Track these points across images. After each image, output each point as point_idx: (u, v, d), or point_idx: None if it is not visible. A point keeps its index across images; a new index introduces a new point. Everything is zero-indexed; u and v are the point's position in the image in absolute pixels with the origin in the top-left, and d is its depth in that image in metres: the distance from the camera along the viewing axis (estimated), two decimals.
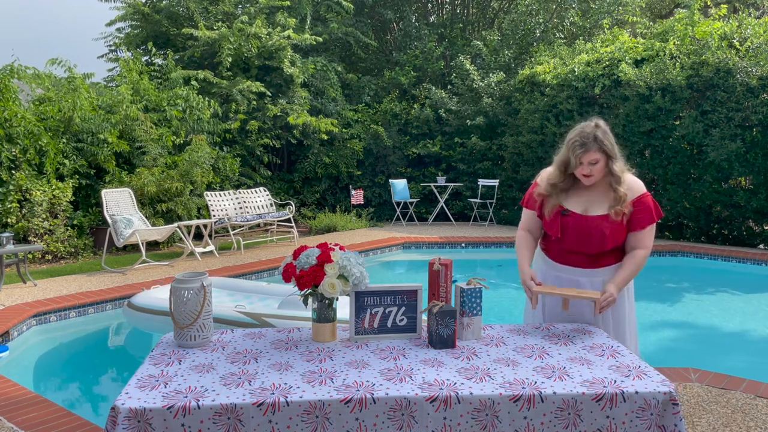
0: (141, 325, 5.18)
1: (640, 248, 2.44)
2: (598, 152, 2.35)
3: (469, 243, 9.42)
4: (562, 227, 2.46)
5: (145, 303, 5.07)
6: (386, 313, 2.22)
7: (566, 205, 2.48)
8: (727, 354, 4.75)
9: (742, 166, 8.56)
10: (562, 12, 13.67)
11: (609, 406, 1.75)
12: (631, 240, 2.46)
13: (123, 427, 1.61)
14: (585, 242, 2.44)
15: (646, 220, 2.43)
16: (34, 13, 70.86)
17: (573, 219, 2.45)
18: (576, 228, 2.44)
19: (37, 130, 7.95)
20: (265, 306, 5.24)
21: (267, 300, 5.45)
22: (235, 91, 10.93)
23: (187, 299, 2.10)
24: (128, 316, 5.16)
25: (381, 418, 1.70)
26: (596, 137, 2.36)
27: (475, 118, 11.68)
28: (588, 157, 2.35)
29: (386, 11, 14.80)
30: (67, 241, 8.06)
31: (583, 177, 2.42)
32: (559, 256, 2.54)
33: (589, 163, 2.37)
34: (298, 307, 4.60)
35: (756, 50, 8.48)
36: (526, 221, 2.63)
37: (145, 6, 12.32)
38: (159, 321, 4.93)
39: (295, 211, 11.55)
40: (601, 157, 2.36)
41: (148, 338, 5.23)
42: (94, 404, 3.81)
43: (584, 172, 2.39)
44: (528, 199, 2.62)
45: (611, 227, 2.40)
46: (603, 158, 2.37)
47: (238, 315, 4.58)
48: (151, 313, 4.97)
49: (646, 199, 2.43)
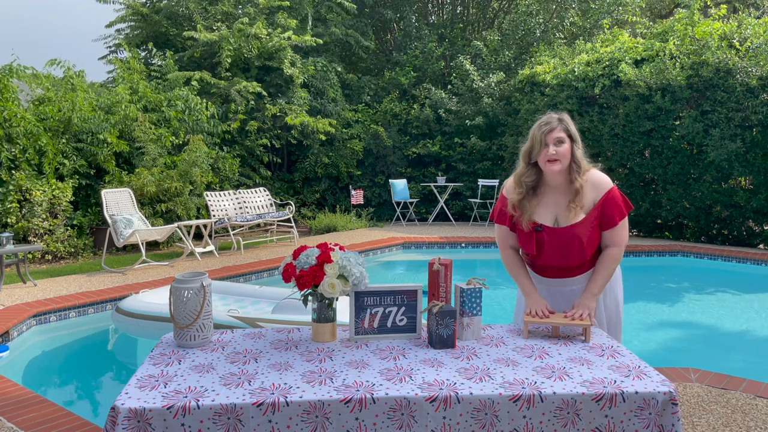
0: (130, 331, 5.08)
1: (614, 246, 2.39)
2: (562, 131, 2.34)
3: (469, 243, 9.42)
4: (538, 244, 2.40)
5: (133, 308, 4.97)
6: (386, 313, 2.23)
7: (536, 219, 2.40)
8: (727, 354, 4.75)
9: (742, 166, 8.56)
10: (562, 12, 13.67)
11: (608, 406, 1.75)
12: (606, 238, 2.40)
13: (123, 427, 1.61)
14: (565, 256, 2.39)
15: (617, 216, 2.37)
16: (34, 13, 70.84)
17: (547, 234, 2.38)
18: (552, 243, 2.38)
19: (37, 130, 7.95)
20: (257, 310, 5.19)
21: (259, 304, 5.41)
22: (233, 91, 10.93)
23: (187, 299, 2.10)
24: (116, 322, 5.08)
25: (381, 417, 1.70)
26: (561, 119, 2.37)
27: (474, 118, 11.69)
28: (552, 135, 2.32)
29: (386, 11, 14.80)
30: (67, 241, 8.06)
31: (548, 164, 2.33)
32: (543, 271, 2.51)
33: (554, 144, 2.31)
34: (292, 311, 4.55)
35: (756, 50, 8.48)
36: (504, 239, 2.54)
37: (145, 7, 12.33)
38: (147, 326, 4.85)
39: (295, 211, 11.55)
40: (566, 138, 2.33)
41: (147, 339, 5.22)
42: (94, 404, 3.81)
43: (550, 152, 2.31)
44: (498, 213, 2.53)
45: (587, 234, 2.35)
46: (568, 141, 2.34)
47: (230, 319, 4.53)
48: (140, 318, 4.88)
49: (613, 195, 2.37)
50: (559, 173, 2.35)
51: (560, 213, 2.39)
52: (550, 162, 2.33)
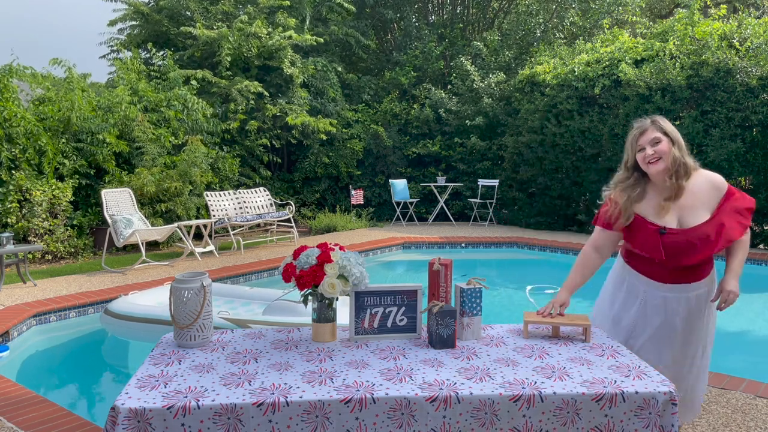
0: (119, 333, 5.04)
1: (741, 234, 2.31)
2: (657, 131, 2.29)
3: (469, 243, 9.42)
4: (665, 247, 2.29)
5: (122, 310, 4.93)
6: (386, 313, 2.23)
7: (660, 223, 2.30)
8: (727, 354, 4.75)
9: (742, 166, 8.56)
10: (562, 12, 13.67)
11: (608, 406, 1.76)
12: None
13: (123, 427, 1.61)
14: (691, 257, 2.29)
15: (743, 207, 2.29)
16: (34, 12, 70.83)
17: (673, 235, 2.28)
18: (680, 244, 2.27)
19: (37, 130, 7.95)
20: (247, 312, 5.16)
21: (250, 305, 5.38)
22: (233, 90, 10.94)
23: (187, 299, 2.10)
24: (105, 324, 5.03)
25: (381, 417, 1.70)
26: (653, 120, 2.34)
27: (474, 118, 11.69)
28: (646, 137, 2.29)
29: (386, 11, 14.80)
30: (66, 241, 8.06)
31: (648, 166, 2.28)
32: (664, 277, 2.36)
33: (651, 145, 2.28)
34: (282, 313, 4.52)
35: (756, 50, 8.48)
36: (595, 238, 2.48)
37: (146, 6, 12.33)
38: (137, 328, 4.80)
39: (295, 211, 11.55)
40: (662, 137, 2.28)
41: (137, 341, 5.21)
42: (94, 404, 3.81)
43: (648, 153, 2.26)
44: (600, 216, 2.48)
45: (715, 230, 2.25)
46: (665, 139, 2.27)
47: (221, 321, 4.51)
48: (129, 320, 4.84)
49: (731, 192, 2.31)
50: (664, 172, 2.29)
51: (682, 214, 2.30)
52: (651, 163, 2.29)
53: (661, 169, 2.28)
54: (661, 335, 2.38)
